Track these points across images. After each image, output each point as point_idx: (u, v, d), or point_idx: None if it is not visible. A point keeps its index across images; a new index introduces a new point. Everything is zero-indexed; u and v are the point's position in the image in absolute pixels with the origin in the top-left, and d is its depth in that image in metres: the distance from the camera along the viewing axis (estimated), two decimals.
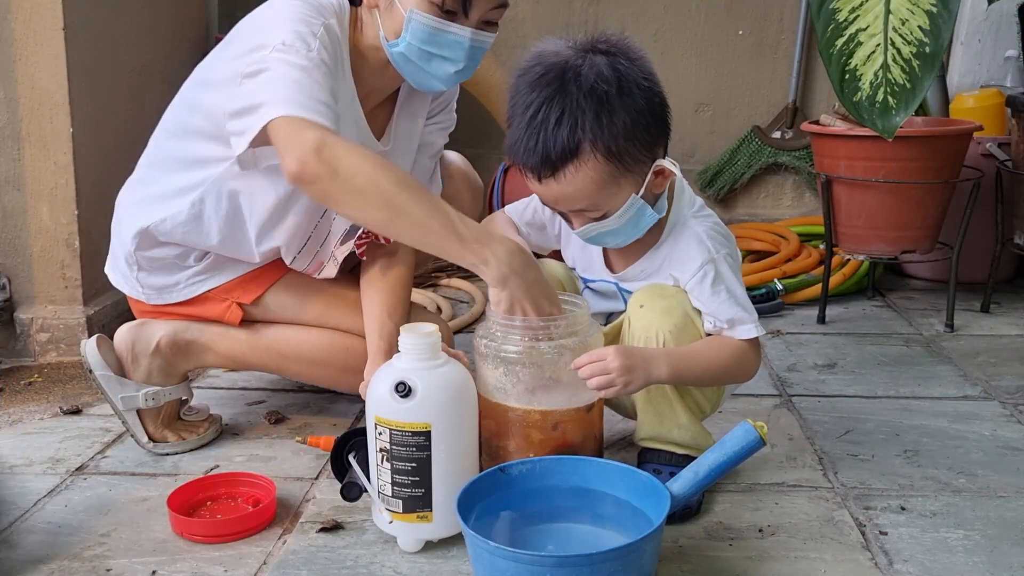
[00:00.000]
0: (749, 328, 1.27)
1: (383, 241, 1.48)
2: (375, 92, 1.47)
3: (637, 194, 1.25)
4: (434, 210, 1.23)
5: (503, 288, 1.22)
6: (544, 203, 1.31)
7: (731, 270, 1.29)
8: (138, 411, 1.50)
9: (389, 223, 1.24)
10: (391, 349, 1.32)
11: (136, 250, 1.48)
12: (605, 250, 1.40)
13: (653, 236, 1.34)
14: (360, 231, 1.47)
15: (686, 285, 1.30)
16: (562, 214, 1.31)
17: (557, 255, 1.51)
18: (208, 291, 1.51)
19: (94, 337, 1.50)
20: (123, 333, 1.53)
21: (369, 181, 1.21)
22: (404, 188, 1.22)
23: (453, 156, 1.71)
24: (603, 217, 1.26)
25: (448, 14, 1.32)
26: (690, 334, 1.27)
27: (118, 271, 1.56)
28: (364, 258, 1.50)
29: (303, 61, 1.26)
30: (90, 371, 1.49)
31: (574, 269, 1.47)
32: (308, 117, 1.22)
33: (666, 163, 1.25)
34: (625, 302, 1.37)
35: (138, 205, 1.48)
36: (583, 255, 1.44)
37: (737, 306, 1.27)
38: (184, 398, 1.57)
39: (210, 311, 1.52)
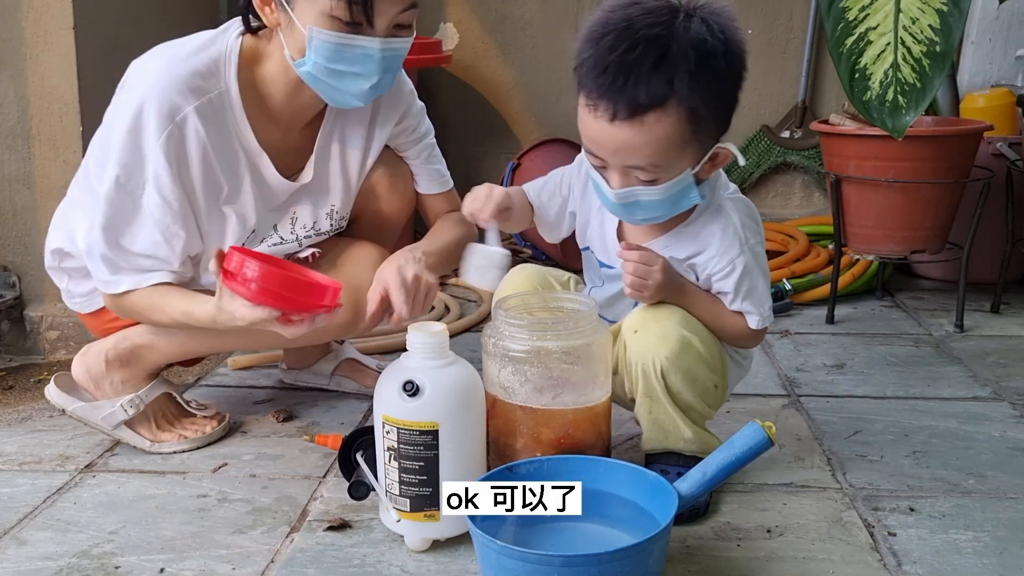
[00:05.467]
0: (755, 319, 1.29)
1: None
2: (297, 115, 1.43)
3: (692, 170, 1.20)
4: (187, 312, 1.35)
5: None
6: (594, 150, 1.19)
7: (758, 264, 1.28)
8: (129, 424, 1.50)
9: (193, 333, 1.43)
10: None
11: (60, 264, 1.50)
12: (621, 225, 1.34)
13: (683, 214, 1.29)
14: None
15: (712, 276, 1.27)
16: (600, 168, 1.21)
17: (569, 245, 1.46)
18: None
19: (52, 379, 1.51)
20: (75, 365, 1.53)
21: (164, 319, 1.39)
22: (176, 307, 1.36)
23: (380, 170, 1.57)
24: (652, 182, 1.19)
25: (352, 26, 1.25)
26: (689, 356, 1.25)
27: (60, 288, 1.56)
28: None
29: (126, 205, 1.33)
30: (63, 411, 1.50)
31: (588, 248, 1.41)
32: (102, 290, 1.40)
33: (730, 147, 1.20)
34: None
35: (59, 225, 1.49)
36: (601, 235, 1.37)
37: (753, 302, 1.28)
38: (170, 393, 1.55)
39: None
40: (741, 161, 1.22)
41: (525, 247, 2.68)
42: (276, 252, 1.46)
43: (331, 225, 1.52)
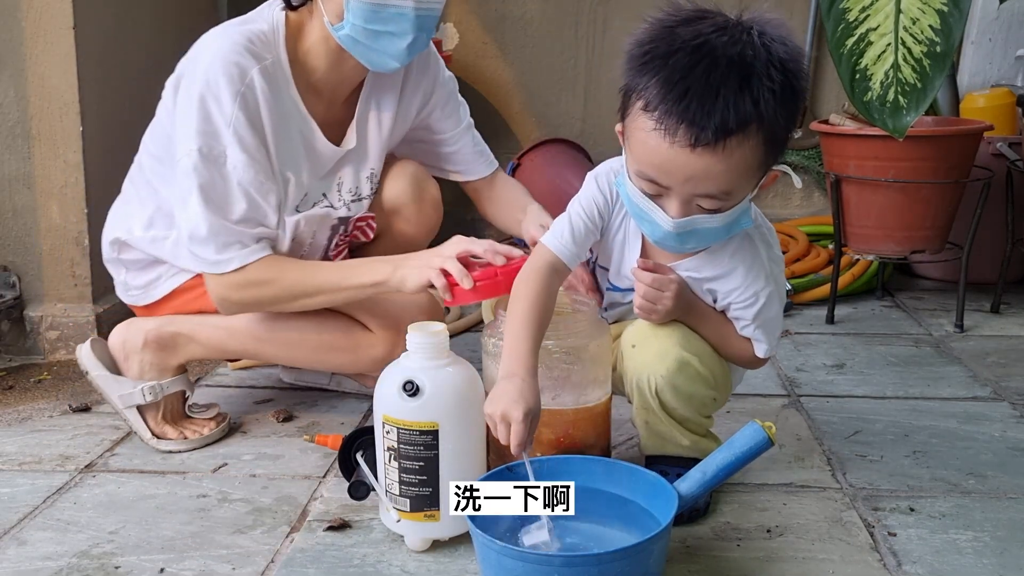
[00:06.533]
0: (763, 348, 1.27)
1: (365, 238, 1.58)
2: (340, 86, 1.48)
3: (751, 195, 1.14)
4: (337, 271, 1.41)
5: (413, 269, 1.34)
6: (659, 177, 1.09)
7: (779, 293, 1.26)
8: (139, 408, 1.51)
9: (320, 302, 1.42)
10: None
11: (119, 255, 1.54)
12: (645, 245, 1.27)
13: None
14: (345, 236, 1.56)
15: (733, 304, 1.24)
16: (656, 196, 1.12)
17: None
18: (187, 281, 1.52)
19: (88, 340, 1.54)
20: (115, 333, 1.56)
21: (282, 291, 1.41)
22: (305, 275, 1.41)
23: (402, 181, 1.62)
24: (716, 211, 1.11)
25: None
26: (686, 375, 1.23)
27: (115, 281, 1.61)
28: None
29: (214, 176, 1.35)
30: (86, 372, 1.52)
31: (606, 269, 1.34)
32: (210, 272, 1.40)
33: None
34: None
35: (117, 217, 1.55)
36: (617, 253, 1.31)
37: (766, 331, 1.26)
38: (185, 391, 1.57)
39: (195, 301, 1.53)
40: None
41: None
42: (326, 217, 1.51)
43: (371, 188, 1.57)
